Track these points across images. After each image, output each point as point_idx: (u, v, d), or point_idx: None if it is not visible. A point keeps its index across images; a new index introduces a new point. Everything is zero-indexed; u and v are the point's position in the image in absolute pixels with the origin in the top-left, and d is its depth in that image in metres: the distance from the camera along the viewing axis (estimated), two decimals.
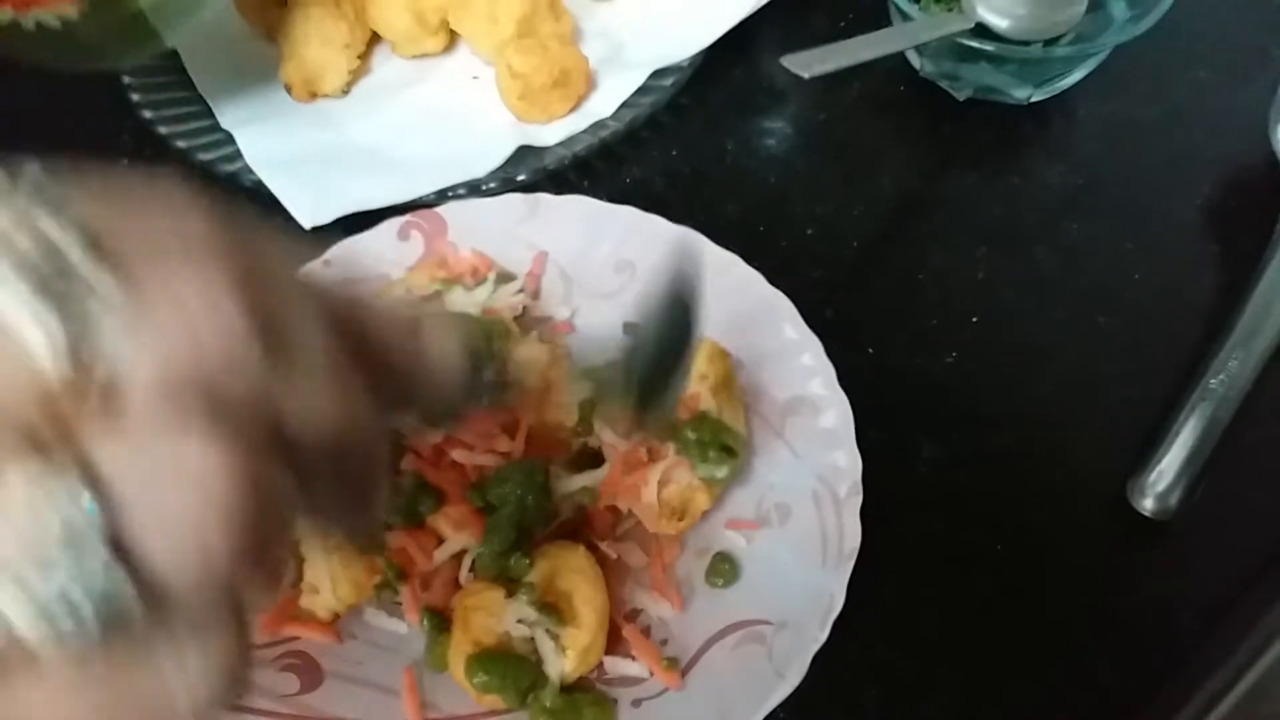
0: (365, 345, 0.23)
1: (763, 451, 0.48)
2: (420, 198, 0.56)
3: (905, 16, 0.57)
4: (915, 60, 0.61)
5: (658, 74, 0.60)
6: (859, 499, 0.44)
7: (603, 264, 0.53)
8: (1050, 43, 0.58)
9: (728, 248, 0.51)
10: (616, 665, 0.43)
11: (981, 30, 0.56)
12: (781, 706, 0.40)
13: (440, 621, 0.43)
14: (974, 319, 0.54)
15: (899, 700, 0.44)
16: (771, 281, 0.50)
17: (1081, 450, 0.50)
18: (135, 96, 0.61)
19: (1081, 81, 0.59)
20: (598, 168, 0.59)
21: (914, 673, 0.45)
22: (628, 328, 0.52)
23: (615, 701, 0.42)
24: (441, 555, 0.44)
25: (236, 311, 0.19)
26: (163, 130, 0.59)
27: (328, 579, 0.43)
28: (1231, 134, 0.60)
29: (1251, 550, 0.46)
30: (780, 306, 0.50)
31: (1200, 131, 0.60)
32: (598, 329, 0.52)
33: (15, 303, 0.17)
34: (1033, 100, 0.60)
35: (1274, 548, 0.46)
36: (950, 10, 0.59)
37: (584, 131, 0.59)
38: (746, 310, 0.50)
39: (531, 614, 0.41)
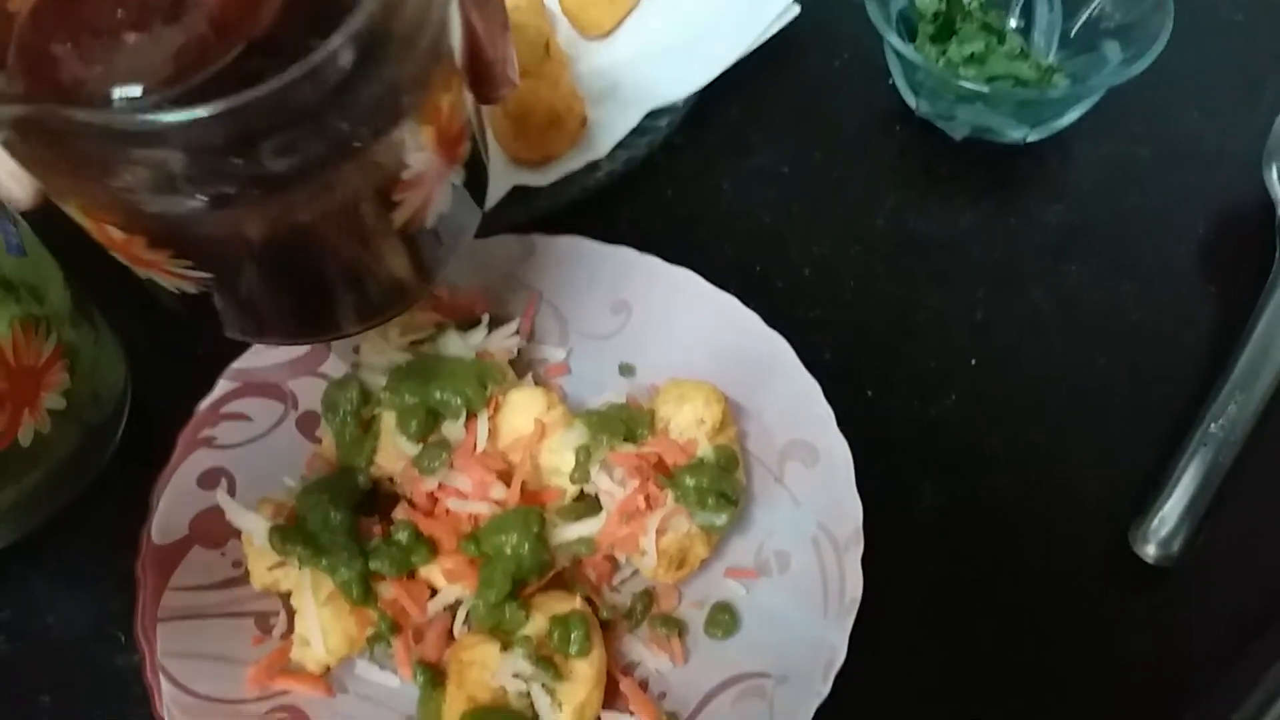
0: None
1: (761, 497, 0.47)
2: None
3: (900, 57, 0.57)
4: (911, 100, 0.61)
5: (653, 115, 0.60)
6: (860, 547, 0.43)
7: (598, 305, 0.53)
8: (1046, 84, 0.58)
9: (724, 288, 0.51)
10: None
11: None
12: None
13: (434, 675, 0.42)
14: (973, 360, 0.53)
15: None
16: (768, 322, 0.50)
17: (1083, 495, 0.49)
18: None
19: (1077, 121, 0.59)
20: (593, 207, 0.59)
21: None
22: (624, 369, 0.52)
23: None
24: (435, 607, 0.43)
25: None
26: None
27: (318, 631, 0.42)
28: (1225, 174, 0.60)
29: (1256, 599, 0.46)
30: (778, 349, 0.49)
31: (1194, 171, 0.60)
32: (593, 370, 0.52)
33: None
34: (1029, 140, 0.60)
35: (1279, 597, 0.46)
36: (944, 53, 0.59)
37: (579, 172, 0.58)
38: (744, 353, 0.50)
39: (527, 668, 0.40)
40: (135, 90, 0.27)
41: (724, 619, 0.44)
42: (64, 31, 0.28)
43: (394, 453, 0.45)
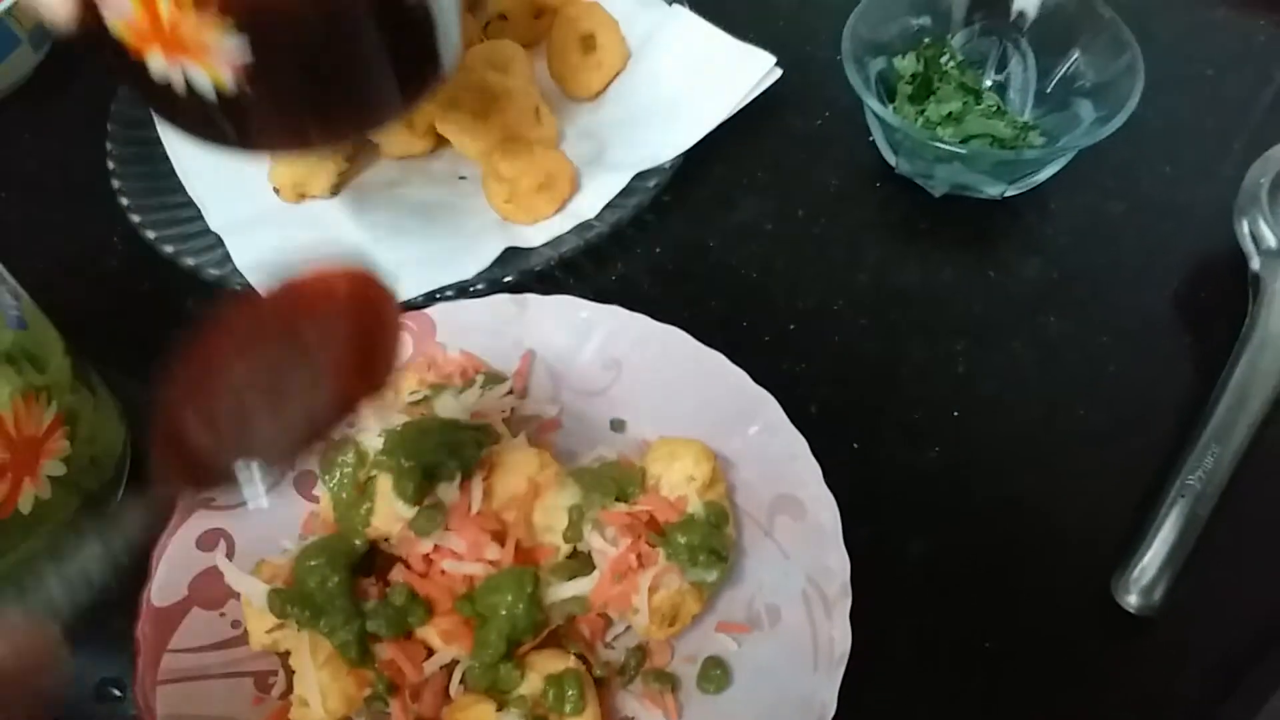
0: None
1: (752, 551, 0.48)
2: (408, 299, 0.56)
3: (879, 118, 0.59)
4: (891, 158, 0.62)
5: (641, 176, 0.61)
6: (848, 601, 0.44)
7: (589, 362, 0.54)
8: (1022, 143, 0.60)
9: (712, 344, 0.52)
10: None
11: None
12: None
13: None
14: (955, 413, 0.55)
15: None
16: (755, 376, 0.51)
17: (1065, 545, 0.50)
18: (124, 201, 0.61)
19: (1053, 176, 0.60)
20: (584, 267, 0.60)
21: None
22: (615, 424, 0.53)
23: None
24: (431, 667, 0.44)
25: None
26: (151, 235, 0.60)
27: (317, 692, 0.43)
28: (1198, 227, 0.61)
29: (1237, 646, 0.47)
30: (766, 405, 0.50)
31: (1168, 224, 0.62)
32: (585, 426, 0.53)
33: None
34: (1006, 195, 0.61)
35: (1259, 644, 0.47)
36: (923, 112, 0.61)
37: (570, 232, 0.60)
38: (733, 409, 0.51)
39: None
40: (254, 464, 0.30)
41: (716, 674, 0.45)
42: (199, 416, 0.31)
43: (390, 515, 0.45)
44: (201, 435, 0.31)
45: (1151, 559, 0.47)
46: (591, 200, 0.61)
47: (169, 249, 0.59)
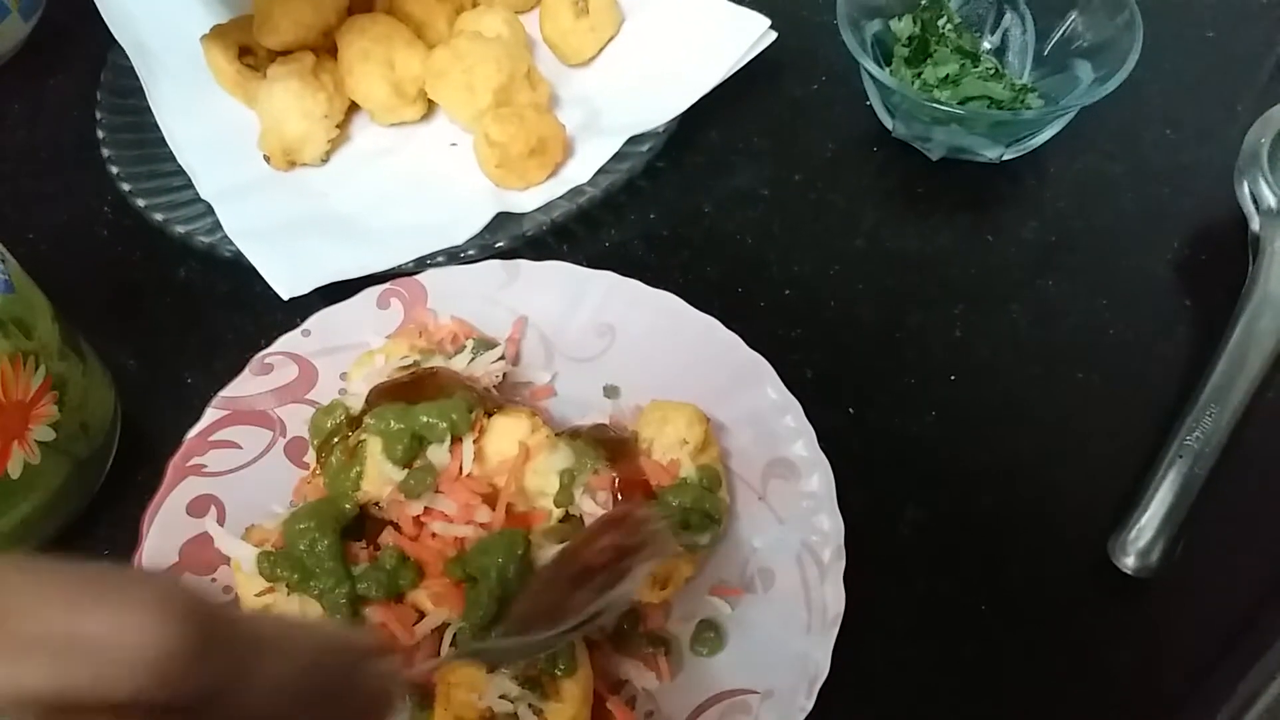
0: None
1: (745, 515, 0.48)
2: (399, 266, 0.56)
3: (876, 80, 0.58)
4: (888, 122, 0.62)
5: (634, 140, 0.61)
6: (842, 563, 0.44)
7: (582, 328, 0.54)
8: (1019, 105, 0.59)
9: (706, 310, 0.51)
10: None
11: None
12: None
13: (422, 698, 0.42)
14: (952, 377, 0.54)
15: None
16: (750, 342, 0.50)
17: (1062, 508, 0.50)
18: (114, 169, 0.61)
19: (1052, 139, 0.60)
20: (576, 233, 0.60)
21: None
22: (608, 390, 0.53)
23: None
24: (422, 630, 0.43)
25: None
26: (141, 203, 0.59)
27: None
28: (1198, 189, 0.61)
29: (1233, 607, 0.47)
30: (760, 369, 0.50)
31: (1168, 187, 0.61)
32: (578, 392, 0.53)
33: None
34: (1004, 159, 0.61)
35: (1255, 605, 0.46)
36: (919, 75, 0.60)
37: (562, 197, 0.59)
38: (726, 373, 0.50)
39: (514, 689, 0.40)
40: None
41: (709, 637, 0.44)
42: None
43: (380, 478, 0.45)
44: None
45: (1149, 520, 0.47)
46: (584, 165, 0.60)
47: (159, 217, 0.59)
